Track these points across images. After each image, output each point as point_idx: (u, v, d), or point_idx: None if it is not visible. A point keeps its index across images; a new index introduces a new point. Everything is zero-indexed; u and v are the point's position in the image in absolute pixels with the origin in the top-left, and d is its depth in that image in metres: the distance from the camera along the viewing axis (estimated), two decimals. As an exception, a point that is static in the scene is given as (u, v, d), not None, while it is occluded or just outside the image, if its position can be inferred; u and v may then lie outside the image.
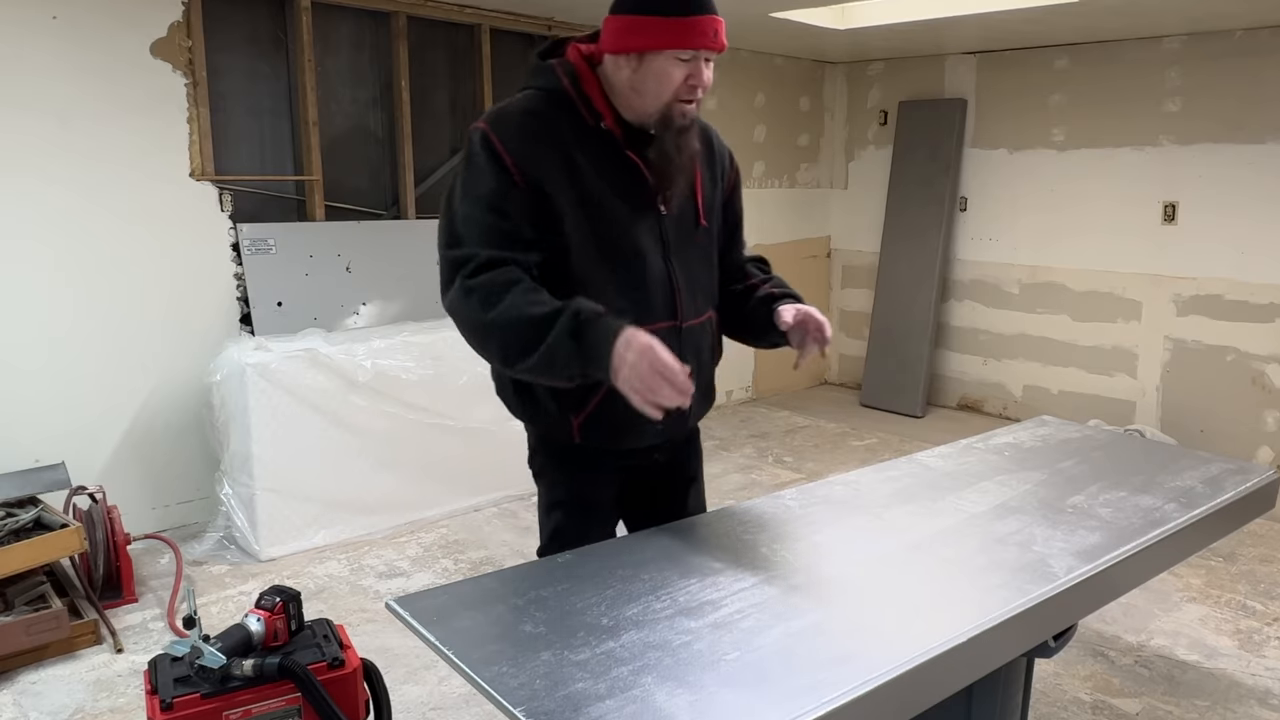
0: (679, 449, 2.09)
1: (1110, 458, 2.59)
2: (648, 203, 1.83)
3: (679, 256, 1.88)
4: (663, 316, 1.84)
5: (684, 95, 1.75)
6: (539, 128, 1.78)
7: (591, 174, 1.77)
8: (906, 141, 6.13)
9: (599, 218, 1.78)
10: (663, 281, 1.85)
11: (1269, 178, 4.76)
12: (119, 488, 3.65)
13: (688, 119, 1.79)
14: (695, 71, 1.74)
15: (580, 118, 1.80)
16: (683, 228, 1.89)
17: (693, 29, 1.70)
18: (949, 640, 1.52)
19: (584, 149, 1.78)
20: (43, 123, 3.49)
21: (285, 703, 1.84)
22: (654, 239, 1.84)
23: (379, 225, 4.43)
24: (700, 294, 1.94)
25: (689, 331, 1.89)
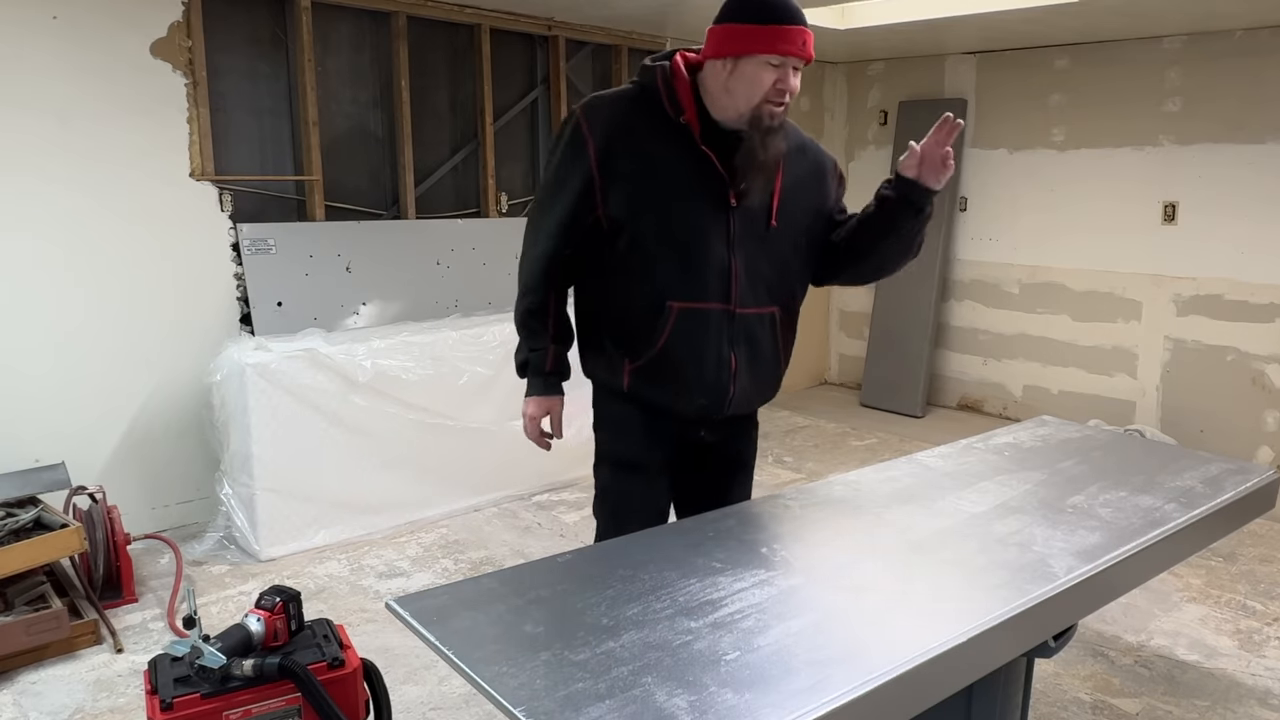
0: (730, 434, 2.25)
1: (1110, 458, 2.59)
2: (717, 194, 2.00)
3: (743, 249, 2.04)
4: (717, 299, 2.03)
5: (772, 98, 1.94)
6: (623, 114, 2.01)
7: (664, 160, 1.99)
8: (906, 141, 6.06)
9: (665, 201, 1.99)
10: (721, 269, 2.02)
11: (1269, 178, 4.76)
12: (119, 488, 3.65)
13: (775, 120, 1.97)
14: (783, 77, 1.93)
15: (663, 110, 1.99)
16: (751, 223, 2.05)
17: (783, 37, 1.89)
18: (949, 640, 1.52)
19: (661, 138, 1.99)
20: (43, 123, 3.49)
21: (285, 703, 1.84)
22: (720, 228, 2.02)
23: (379, 225, 4.42)
24: (763, 288, 2.09)
25: (743, 318, 2.06)
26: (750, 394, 2.16)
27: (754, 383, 2.15)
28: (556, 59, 5.01)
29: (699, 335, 2.03)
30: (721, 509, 2.14)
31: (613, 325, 2.11)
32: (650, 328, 2.03)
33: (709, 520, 2.06)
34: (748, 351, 2.09)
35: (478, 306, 4.63)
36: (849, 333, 6.75)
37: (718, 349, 2.05)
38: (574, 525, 4.10)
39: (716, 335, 2.04)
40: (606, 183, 1.99)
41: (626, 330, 2.08)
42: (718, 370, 2.06)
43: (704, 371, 2.06)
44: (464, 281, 4.63)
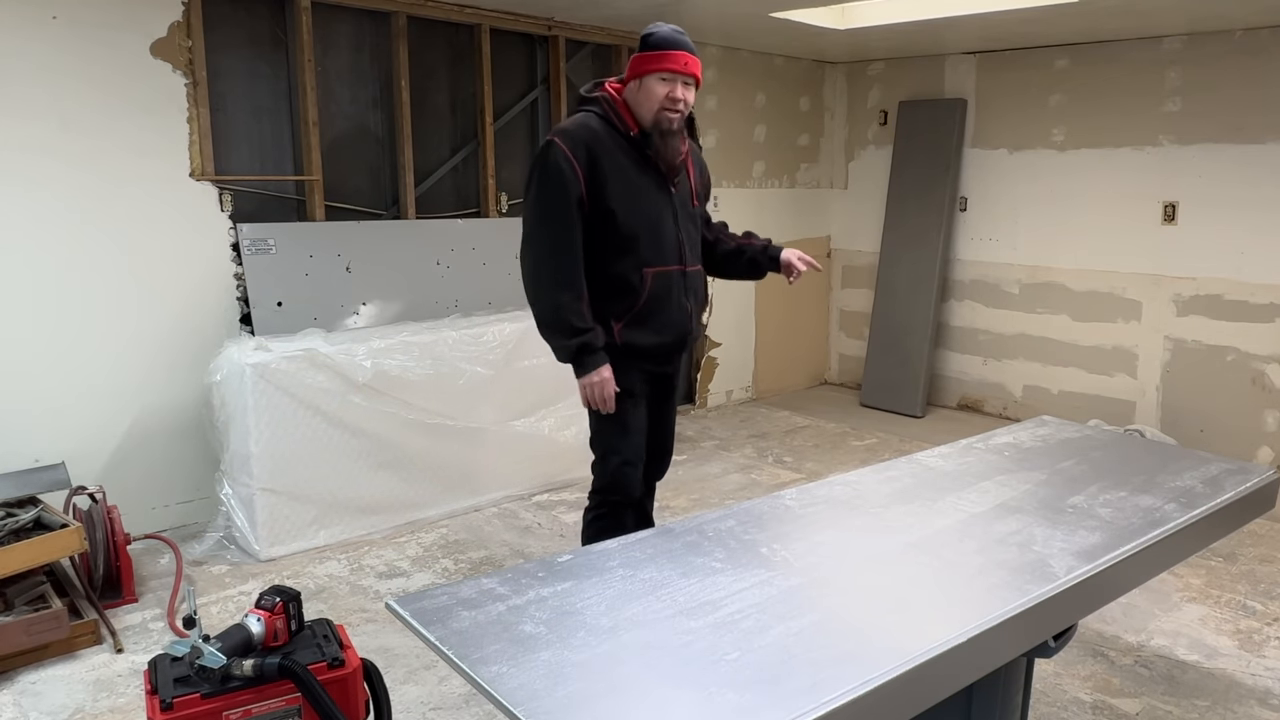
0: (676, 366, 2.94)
1: (1110, 458, 2.59)
2: (662, 184, 2.73)
3: (683, 224, 2.78)
4: (673, 262, 2.75)
5: (667, 105, 2.61)
6: (592, 135, 2.63)
7: (628, 166, 2.65)
8: (906, 141, 6.13)
9: (633, 195, 2.65)
10: (674, 240, 2.75)
11: (1269, 178, 4.76)
12: (119, 488, 3.65)
13: (673, 125, 2.64)
14: (673, 89, 2.60)
15: (617, 129, 2.67)
16: (684, 204, 2.80)
17: (670, 59, 2.59)
18: (949, 640, 1.52)
19: (621, 149, 2.66)
20: (42, 123, 3.49)
21: (285, 703, 1.84)
22: (668, 210, 2.74)
23: (379, 225, 4.42)
24: (695, 252, 2.85)
25: (690, 275, 2.80)
26: (698, 330, 2.92)
27: (699, 322, 2.89)
28: (556, 59, 5.01)
29: (667, 290, 2.74)
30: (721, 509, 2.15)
31: (603, 297, 2.69)
32: (634, 290, 2.69)
33: (709, 520, 2.06)
34: (694, 299, 2.83)
35: (478, 306, 4.63)
36: (849, 333, 6.75)
37: (680, 299, 2.77)
38: (574, 525, 4.10)
39: (678, 289, 2.76)
40: (591, 187, 2.60)
41: (615, 297, 2.69)
42: (680, 315, 2.78)
43: (673, 317, 2.76)
44: (464, 281, 4.63)
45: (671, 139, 2.65)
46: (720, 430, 5.58)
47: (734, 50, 5.81)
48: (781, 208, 6.34)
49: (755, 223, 5.56)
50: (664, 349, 2.79)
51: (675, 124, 2.63)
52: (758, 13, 4.60)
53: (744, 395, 6.34)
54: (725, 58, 5.74)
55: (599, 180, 2.59)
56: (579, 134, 2.61)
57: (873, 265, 6.42)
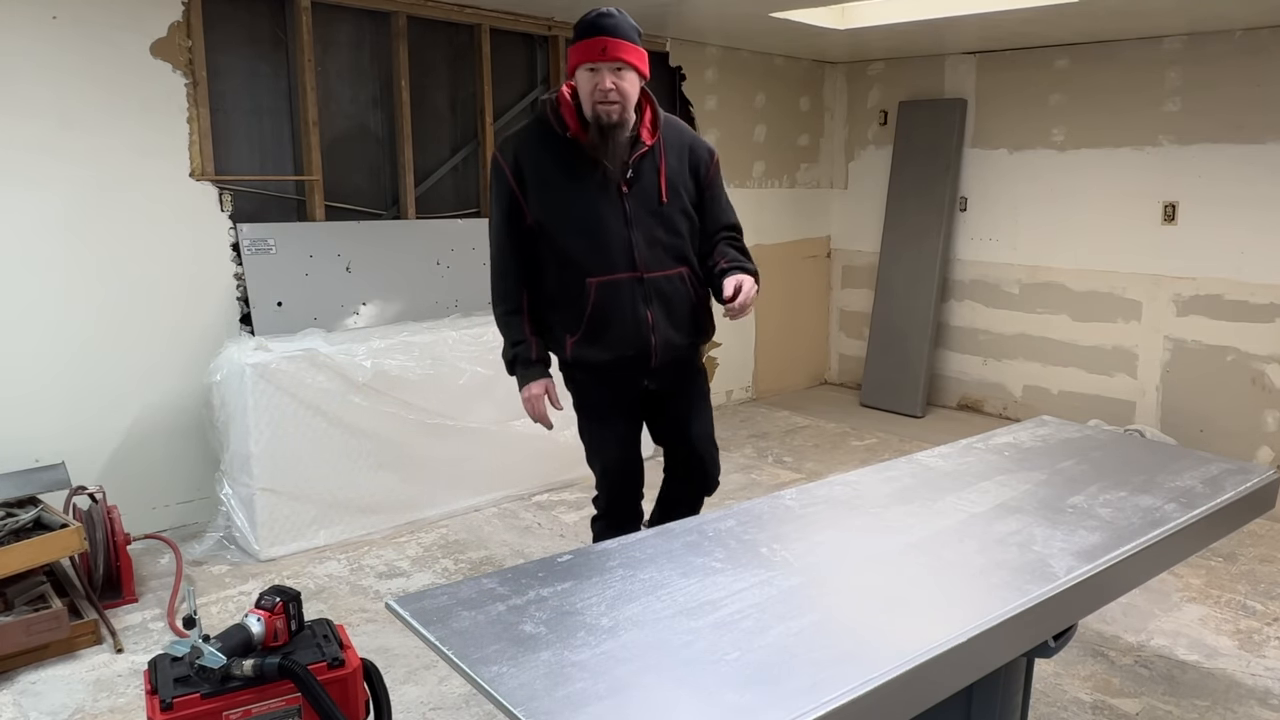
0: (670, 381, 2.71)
1: (1110, 458, 2.59)
2: (608, 184, 2.50)
3: (640, 224, 2.53)
4: (623, 269, 2.52)
5: (598, 99, 2.41)
6: (526, 142, 2.53)
7: (561, 171, 2.50)
8: (906, 141, 6.13)
9: (567, 200, 2.50)
10: (623, 243, 2.52)
11: (1269, 178, 4.76)
12: (119, 488, 3.65)
13: (611, 118, 2.42)
14: (600, 80, 2.39)
15: (554, 132, 2.51)
16: (645, 202, 2.54)
17: (587, 48, 2.40)
18: (949, 640, 1.52)
19: (557, 153, 2.50)
20: (42, 123, 3.49)
21: (285, 703, 1.84)
22: (616, 211, 2.51)
23: (379, 225, 4.42)
24: (666, 254, 2.58)
25: (651, 281, 2.56)
26: (673, 341, 2.62)
27: (675, 331, 2.61)
28: (556, 59, 5.00)
29: (616, 300, 2.53)
30: (721, 509, 2.15)
31: (552, 309, 2.60)
32: (579, 303, 2.53)
33: (709, 520, 2.06)
34: (662, 306, 2.58)
35: (478, 306, 4.63)
36: (849, 333, 6.75)
37: (633, 309, 2.54)
38: (574, 525, 4.10)
39: (630, 298, 2.54)
40: (524, 196, 2.51)
41: (562, 310, 2.57)
42: (636, 326, 2.55)
43: (625, 329, 2.54)
44: (464, 281, 4.63)
45: (613, 133, 2.44)
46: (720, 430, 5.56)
47: (734, 50, 5.81)
48: (781, 208, 6.34)
49: (755, 222, 5.55)
50: (620, 364, 2.59)
51: (614, 116, 2.41)
52: (758, 13, 4.59)
53: (744, 395, 6.34)
54: (725, 58, 5.74)
55: (528, 188, 2.50)
56: (512, 142, 2.54)
57: (873, 265, 6.42)
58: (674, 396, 2.75)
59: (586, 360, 2.59)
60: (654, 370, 2.63)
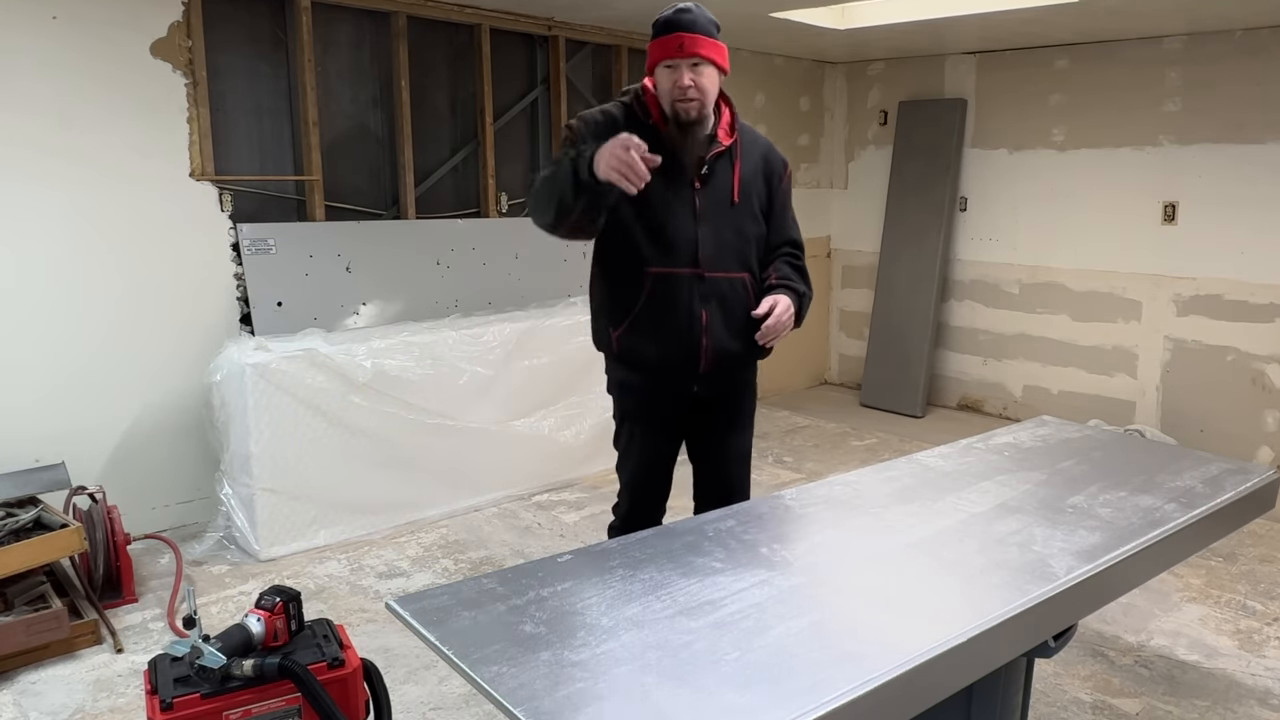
0: (723, 390, 2.57)
1: (1110, 458, 2.59)
2: (682, 178, 2.40)
3: (708, 221, 2.43)
4: (685, 264, 2.41)
5: (676, 95, 2.33)
6: (608, 121, 2.41)
7: None
8: (906, 141, 6.13)
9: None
10: (688, 238, 2.40)
11: (1269, 178, 4.76)
12: (119, 488, 3.65)
13: (689, 114, 2.34)
14: (679, 77, 2.31)
15: (637, 116, 2.43)
16: (716, 201, 2.44)
17: (665, 44, 2.32)
18: (949, 640, 1.52)
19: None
20: (43, 123, 3.49)
21: (285, 703, 1.84)
22: (685, 204, 2.41)
23: (379, 225, 4.42)
24: (730, 255, 2.46)
25: (712, 281, 2.42)
26: (726, 346, 2.46)
27: (730, 337, 2.46)
28: (556, 59, 5.00)
29: (671, 295, 2.41)
30: (722, 509, 2.15)
31: (604, 298, 2.49)
32: (633, 293, 2.42)
33: (709, 520, 2.06)
34: (719, 310, 2.44)
35: (478, 306, 4.63)
36: (849, 333, 6.75)
37: (689, 306, 2.41)
38: (574, 525, 4.10)
39: (687, 294, 2.41)
40: None
41: (614, 298, 2.46)
42: (689, 324, 2.41)
43: (677, 325, 2.41)
44: (464, 281, 4.63)
45: (693, 129, 2.37)
46: (720, 430, 5.57)
47: (734, 50, 5.80)
48: (781, 208, 6.34)
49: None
50: (668, 362, 2.45)
51: (692, 113, 2.34)
52: (758, 13, 4.60)
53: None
54: (725, 58, 5.74)
55: None
56: (592, 117, 2.44)
57: (873, 265, 6.42)
58: (718, 411, 2.60)
59: (633, 355, 2.47)
60: (703, 376, 2.49)
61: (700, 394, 2.52)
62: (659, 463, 2.59)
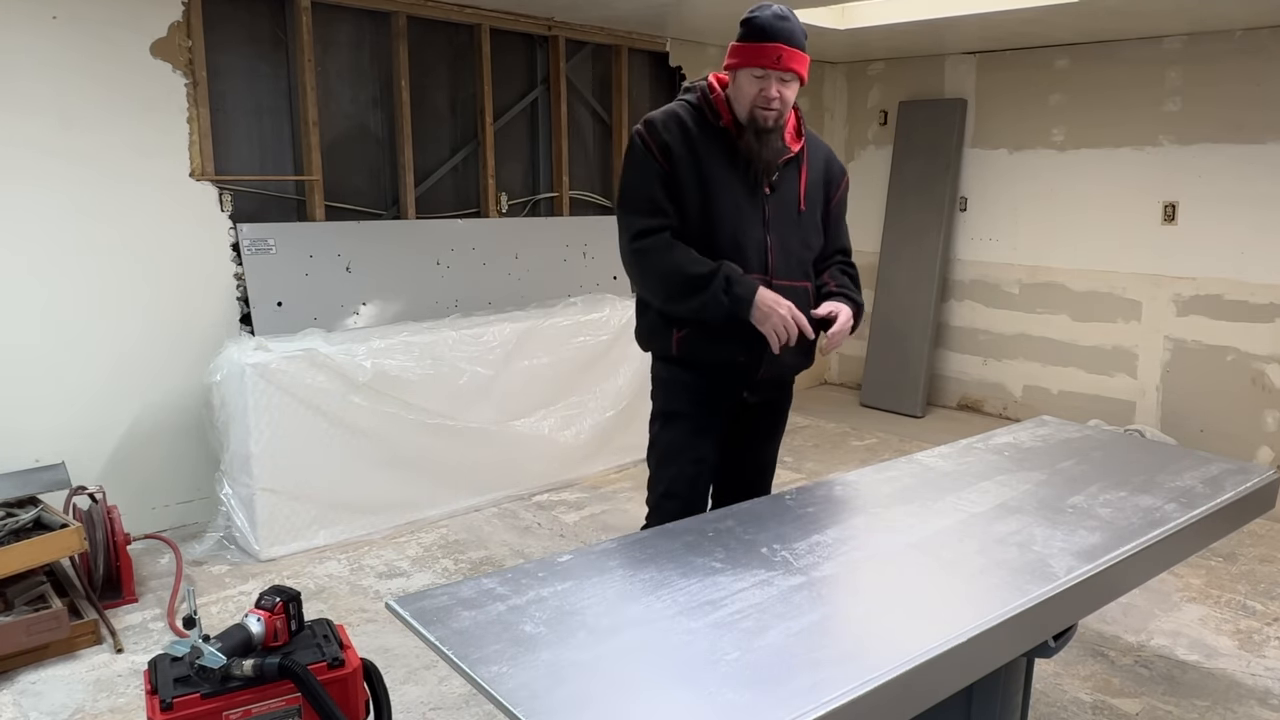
0: (769, 398, 2.56)
1: (1110, 458, 2.59)
2: (753, 182, 2.38)
3: (777, 229, 2.41)
4: (756, 270, 2.36)
5: (760, 104, 2.30)
6: (675, 125, 2.37)
7: (708, 159, 2.36)
8: (906, 141, 6.13)
9: (711, 191, 2.35)
10: (759, 245, 2.38)
11: (1269, 178, 4.76)
12: (119, 488, 3.65)
13: (768, 123, 2.32)
14: (766, 87, 2.29)
15: (707, 119, 2.39)
16: (784, 208, 2.43)
17: (761, 53, 2.27)
18: (949, 640, 1.52)
19: (706, 141, 2.37)
20: (43, 123, 3.49)
21: (285, 703, 1.84)
22: (755, 211, 2.38)
23: (379, 225, 4.42)
24: (796, 264, 2.44)
25: (780, 289, 2.37)
26: (785, 357, 2.39)
27: (790, 348, 2.37)
28: (556, 59, 5.01)
29: None
30: (721, 509, 2.15)
31: None
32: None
33: (709, 520, 2.06)
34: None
35: (478, 306, 4.63)
36: (849, 333, 6.74)
37: None
38: (574, 525, 4.10)
39: None
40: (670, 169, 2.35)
41: None
42: (756, 331, 2.32)
43: (744, 331, 2.32)
44: (464, 281, 4.63)
45: (768, 137, 2.34)
46: (720, 430, 5.57)
47: (734, 50, 5.81)
48: (781, 208, 6.34)
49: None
50: (729, 368, 2.41)
51: (771, 122, 2.32)
52: (758, 13, 4.59)
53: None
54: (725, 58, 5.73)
55: (676, 169, 2.34)
56: (661, 120, 2.38)
57: (873, 265, 6.41)
58: (759, 417, 2.58)
59: (694, 359, 2.41)
60: (757, 383, 2.47)
61: (749, 400, 2.51)
62: (701, 471, 2.51)
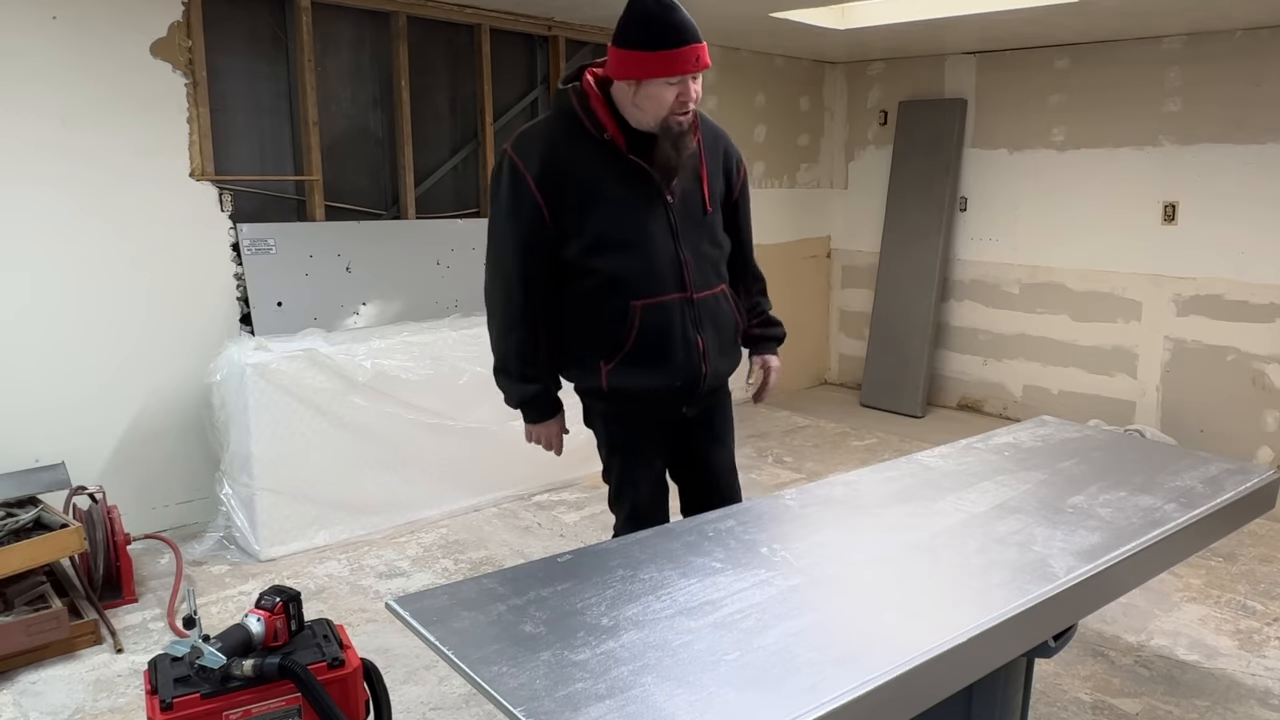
0: (707, 407, 2.44)
1: (1110, 458, 2.59)
2: (654, 194, 2.19)
3: (687, 239, 2.24)
4: (673, 289, 2.22)
5: (676, 110, 2.11)
6: (551, 141, 2.15)
7: (598, 177, 2.15)
8: (906, 141, 6.13)
9: (608, 212, 2.16)
10: (671, 261, 2.21)
11: (1269, 178, 4.76)
12: (119, 488, 3.65)
13: (683, 126, 2.14)
14: (683, 91, 2.10)
15: (588, 132, 2.15)
16: (690, 214, 2.25)
17: (675, 60, 2.05)
18: (949, 640, 1.52)
19: (592, 158, 2.15)
20: (43, 123, 3.49)
21: (285, 703, 1.84)
22: (662, 225, 2.20)
23: (379, 225, 4.42)
24: (710, 270, 2.31)
25: (701, 303, 2.26)
26: (720, 367, 2.36)
27: (722, 356, 2.36)
28: (556, 59, 5.01)
29: (664, 326, 2.21)
30: (721, 509, 2.15)
31: (583, 335, 2.26)
32: (619, 328, 2.20)
33: (709, 520, 2.06)
34: (712, 330, 2.30)
35: (478, 306, 4.58)
36: (849, 333, 6.75)
37: (683, 334, 2.24)
38: (574, 525, 4.10)
39: (680, 322, 2.23)
40: (551, 206, 2.14)
41: (597, 335, 2.24)
42: (687, 353, 2.25)
43: (675, 357, 2.24)
44: (464, 281, 4.63)
45: (684, 139, 2.16)
46: (720, 430, 5.56)
47: (734, 50, 5.81)
48: (782, 208, 6.35)
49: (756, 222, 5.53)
50: (665, 394, 2.29)
51: (686, 123, 2.15)
52: (758, 13, 4.59)
53: (743, 395, 6.33)
54: (725, 58, 5.74)
55: (562, 198, 2.14)
56: (536, 143, 2.16)
57: (873, 265, 6.42)
58: (704, 425, 2.46)
59: (627, 390, 2.26)
60: (697, 398, 2.37)
61: (690, 414, 2.40)
62: (657, 489, 2.43)
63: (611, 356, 2.23)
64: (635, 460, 2.38)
